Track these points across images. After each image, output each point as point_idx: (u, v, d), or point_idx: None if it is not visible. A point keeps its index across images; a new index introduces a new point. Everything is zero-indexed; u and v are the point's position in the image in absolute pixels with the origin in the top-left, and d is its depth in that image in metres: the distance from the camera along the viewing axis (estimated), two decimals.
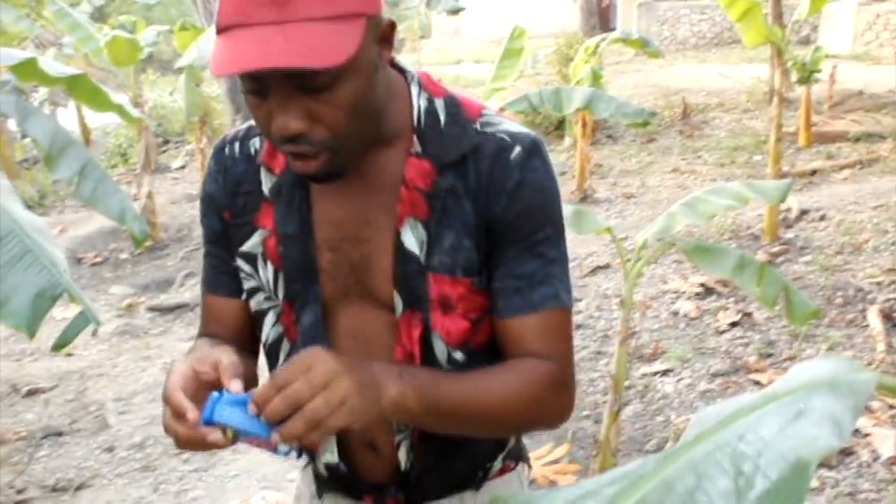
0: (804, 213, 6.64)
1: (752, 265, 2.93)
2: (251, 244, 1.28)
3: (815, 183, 7.72)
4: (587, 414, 4.00)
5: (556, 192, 1.22)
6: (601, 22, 19.55)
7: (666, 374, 4.33)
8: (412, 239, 1.20)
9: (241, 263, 1.30)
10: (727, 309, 5.00)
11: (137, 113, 5.00)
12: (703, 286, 5.29)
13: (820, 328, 4.62)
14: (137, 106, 7.82)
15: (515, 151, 1.18)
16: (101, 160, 11.29)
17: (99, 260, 7.77)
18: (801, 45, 13.07)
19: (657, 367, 4.40)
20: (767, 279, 2.92)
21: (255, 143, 1.29)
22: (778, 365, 4.31)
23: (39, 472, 3.90)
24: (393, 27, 1.11)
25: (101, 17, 14.24)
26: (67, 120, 10.95)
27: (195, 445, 1.06)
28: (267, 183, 1.27)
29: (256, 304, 1.31)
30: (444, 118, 1.21)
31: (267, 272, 1.27)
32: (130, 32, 8.46)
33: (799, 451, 0.55)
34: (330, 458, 1.34)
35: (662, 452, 0.60)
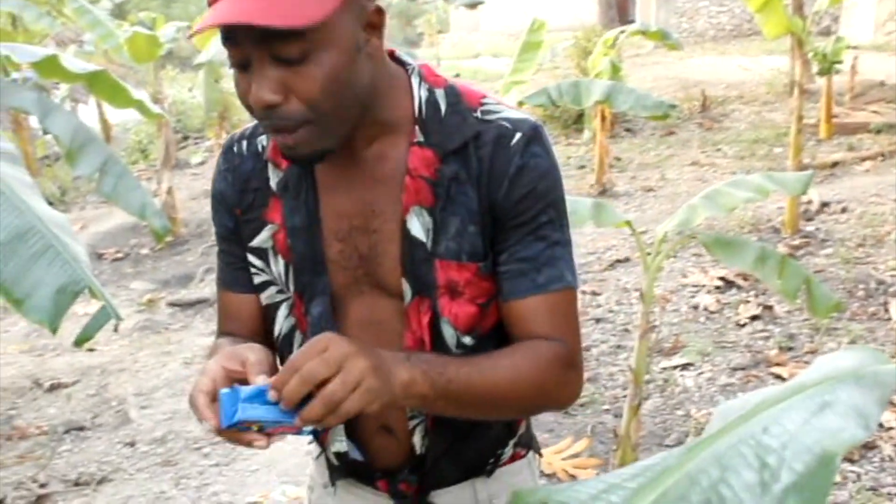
0: (825, 205, 6.59)
1: (773, 258, 2.91)
2: (261, 239, 1.30)
3: (836, 175, 7.65)
4: (607, 408, 3.99)
5: (557, 176, 1.23)
6: (620, 14, 19.49)
7: (686, 368, 4.31)
8: (418, 226, 1.22)
9: (251, 259, 1.32)
10: (747, 302, 4.97)
11: (157, 109, 5.02)
12: (723, 279, 5.26)
13: (841, 321, 4.58)
14: (157, 102, 7.86)
15: (516, 137, 1.20)
16: (121, 156, 11.36)
17: (120, 255, 7.82)
18: (821, 35, 12.96)
19: (677, 361, 4.38)
20: (788, 272, 2.90)
21: (261, 140, 1.31)
22: (799, 359, 4.28)
23: (62, 466, 3.93)
24: (381, 13, 1.13)
25: (120, 13, 14.31)
26: (88, 116, 11.01)
27: (234, 442, 1.07)
28: (274, 178, 1.29)
29: (268, 297, 1.33)
30: (444, 107, 1.23)
31: (278, 266, 1.30)
32: (150, 29, 8.48)
33: (824, 443, 0.54)
34: (339, 446, 1.35)
35: (685, 445, 0.59)
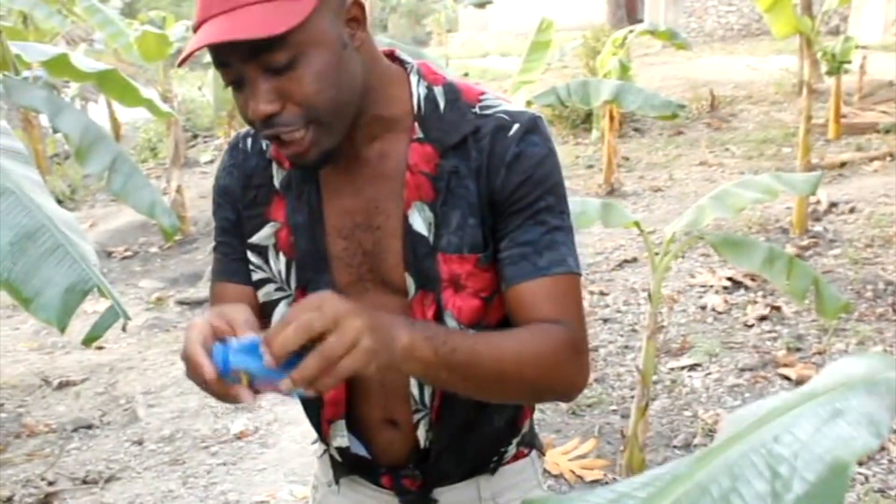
0: (833, 205, 6.57)
1: (781, 259, 2.91)
2: (261, 236, 1.32)
3: (844, 175, 7.63)
4: (614, 409, 3.99)
5: (555, 163, 1.24)
6: (628, 14, 19.43)
7: (694, 368, 4.30)
8: (420, 221, 1.23)
9: (250, 255, 1.33)
10: (755, 303, 4.96)
11: (166, 108, 5.03)
12: (731, 280, 5.25)
13: (850, 322, 4.57)
14: (167, 101, 7.88)
15: (514, 128, 1.22)
16: (131, 155, 11.38)
17: (129, 254, 7.84)
18: (830, 35, 12.92)
19: (685, 361, 4.37)
20: (797, 273, 2.89)
21: None
22: (807, 359, 4.27)
23: (70, 464, 3.94)
24: (361, 6, 1.15)
25: (130, 12, 14.36)
26: (98, 115, 11.04)
27: (221, 397, 1.05)
28: (278, 177, 1.31)
29: (265, 295, 1.33)
30: (443, 104, 1.25)
31: (279, 263, 1.31)
32: (160, 28, 8.50)
33: (836, 451, 0.54)
34: (341, 441, 1.36)
35: (696, 454, 0.59)
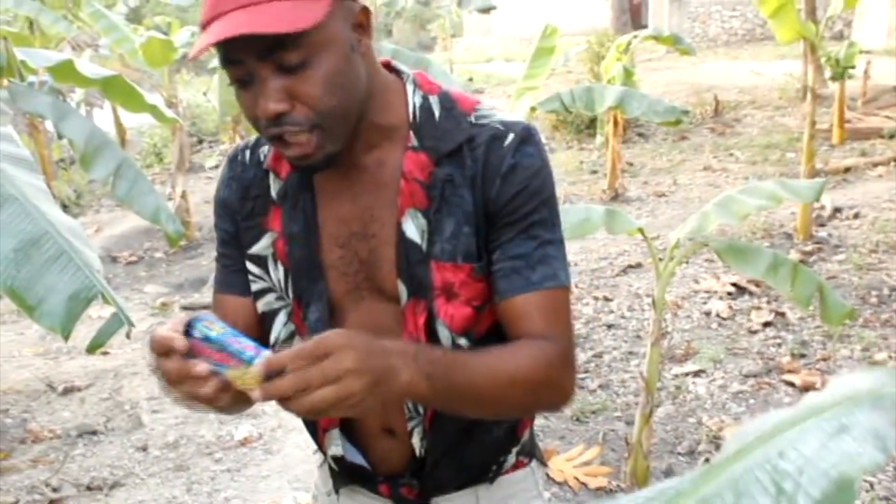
0: (838, 210, 6.56)
1: (785, 265, 2.90)
2: (260, 247, 1.33)
3: (848, 180, 7.62)
4: (618, 415, 3.98)
5: (549, 176, 1.25)
6: (632, 19, 19.45)
7: (698, 374, 4.30)
8: (413, 228, 1.24)
9: (249, 266, 1.34)
10: (760, 309, 4.95)
11: (171, 113, 5.04)
12: (735, 286, 5.24)
13: (854, 328, 4.56)
14: (171, 106, 7.90)
15: (509, 138, 1.23)
16: (136, 159, 11.39)
17: (134, 259, 7.85)
18: (834, 40, 12.93)
19: (689, 367, 4.36)
20: (801, 279, 2.89)
21: (264, 150, 1.34)
22: (811, 366, 4.27)
23: (74, 470, 3.94)
24: (367, 13, 1.17)
25: (136, 18, 14.39)
26: (103, 120, 11.06)
27: (183, 381, 1.05)
28: (275, 187, 1.32)
29: (265, 304, 1.34)
30: (438, 113, 1.26)
31: (278, 273, 1.32)
32: (165, 33, 8.54)
33: (842, 467, 0.54)
34: (335, 450, 1.37)
35: (700, 469, 0.59)
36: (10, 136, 2.54)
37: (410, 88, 1.27)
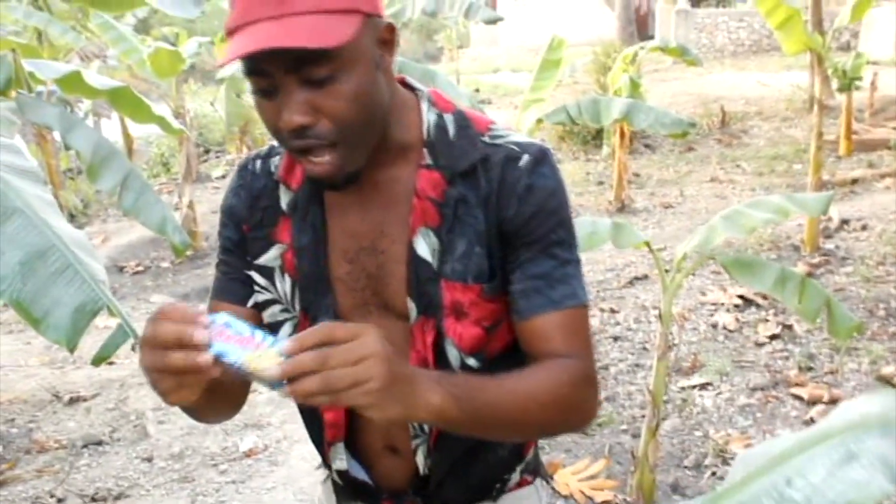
0: (845, 222, 6.55)
1: (793, 279, 2.89)
2: (268, 258, 1.32)
3: (856, 192, 7.61)
4: (625, 428, 3.96)
5: (565, 197, 1.25)
6: (639, 30, 19.48)
7: (704, 387, 4.28)
8: (425, 247, 1.23)
9: (256, 276, 1.33)
10: (767, 321, 4.94)
11: (178, 124, 5.04)
12: (742, 298, 5.23)
13: (862, 341, 4.55)
14: (179, 116, 7.92)
15: (524, 158, 1.23)
16: (143, 169, 11.46)
17: (140, 269, 7.85)
18: (841, 51, 12.92)
19: (695, 380, 4.35)
20: (809, 293, 2.88)
21: (275, 160, 1.34)
22: (819, 379, 4.25)
23: (80, 480, 3.94)
24: (392, 30, 1.16)
25: (144, 28, 14.44)
26: (111, 130, 11.11)
27: (178, 375, 1.01)
28: (285, 199, 1.31)
29: (270, 316, 1.33)
30: (453, 131, 1.25)
31: (285, 285, 1.31)
32: (173, 44, 8.55)
33: (850, 496, 0.53)
34: (340, 464, 1.36)
35: (708, 496, 0.58)
36: (17, 147, 2.54)
37: (425, 106, 1.26)
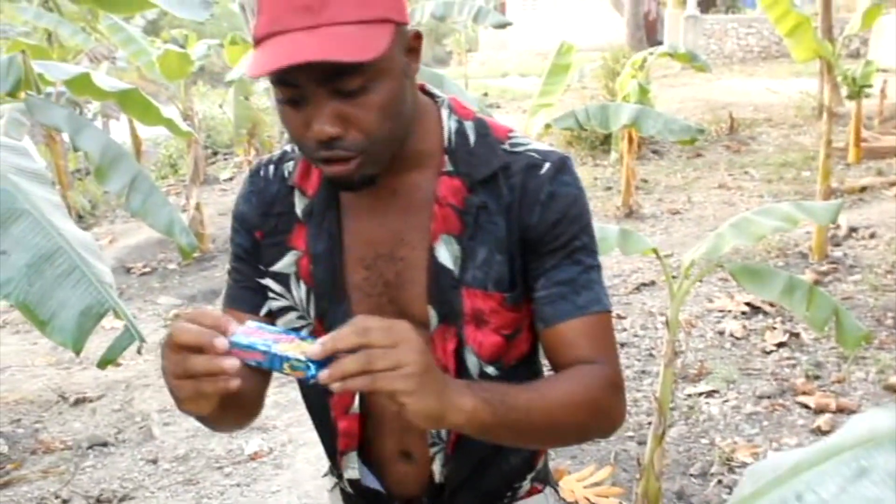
0: (853, 230, 6.53)
1: (801, 288, 2.87)
2: (283, 264, 1.31)
3: (864, 200, 7.59)
4: (631, 435, 3.95)
5: (586, 203, 1.26)
6: (648, 35, 19.45)
7: (711, 395, 4.26)
8: (446, 254, 1.22)
9: (271, 283, 1.32)
10: (774, 329, 4.92)
11: (186, 127, 5.06)
12: (749, 305, 5.21)
13: (870, 350, 4.53)
14: (187, 118, 7.94)
15: (546, 166, 1.23)
16: (151, 171, 11.49)
17: (147, 270, 7.86)
18: (850, 58, 12.88)
19: (702, 387, 4.33)
20: (817, 302, 2.86)
21: (288, 166, 1.33)
22: (826, 388, 4.23)
23: (85, 482, 3.94)
24: (419, 37, 1.16)
25: (154, 30, 14.48)
26: (120, 131, 11.13)
27: (197, 381, 1.02)
28: (300, 205, 1.30)
29: (286, 323, 1.32)
30: (473, 138, 1.25)
31: (300, 292, 1.30)
32: (182, 46, 8.58)
33: None
34: (352, 473, 1.35)
35: None
36: (25, 149, 2.55)
37: (445, 113, 1.26)
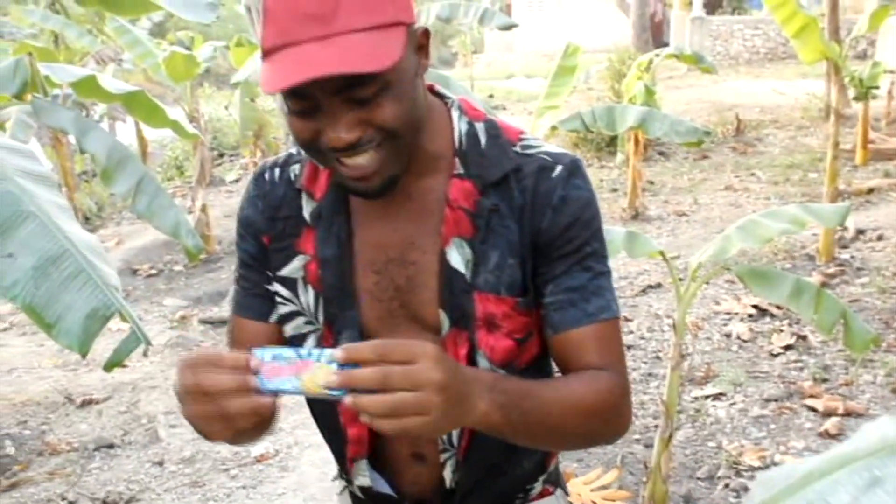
0: (861, 232, 6.50)
1: (808, 291, 2.86)
2: (291, 269, 1.29)
3: (872, 202, 7.56)
4: (637, 438, 3.94)
5: (597, 208, 1.25)
6: (654, 37, 19.44)
7: (718, 398, 4.25)
8: (458, 257, 1.21)
9: (279, 288, 1.30)
10: (781, 331, 4.90)
11: (192, 129, 5.06)
12: (756, 307, 5.19)
13: (878, 354, 4.51)
14: (193, 120, 7.94)
15: (557, 170, 1.22)
16: (157, 172, 11.51)
17: (154, 272, 7.87)
18: (857, 60, 12.86)
19: (709, 390, 4.32)
20: (824, 305, 2.85)
21: (295, 169, 1.31)
22: (834, 391, 4.21)
23: (91, 483, 3.94)
24: (427, 35, 1.14)
25: (160, 32, 14.51)
26: (126, 133, 11.15)
27: (240, 418, 0.99)
28: (307, 208, 1.28)
29: (294, 328, 1.31)
30: (484, 140, 1.24)
31: (308, 296, 1.28)
32: (188, 48, 8.60)
33: None
34: (363, 480, 1.35)
35: None
36: (31, 152, 2.55)
37: (456, 114, 1.25)
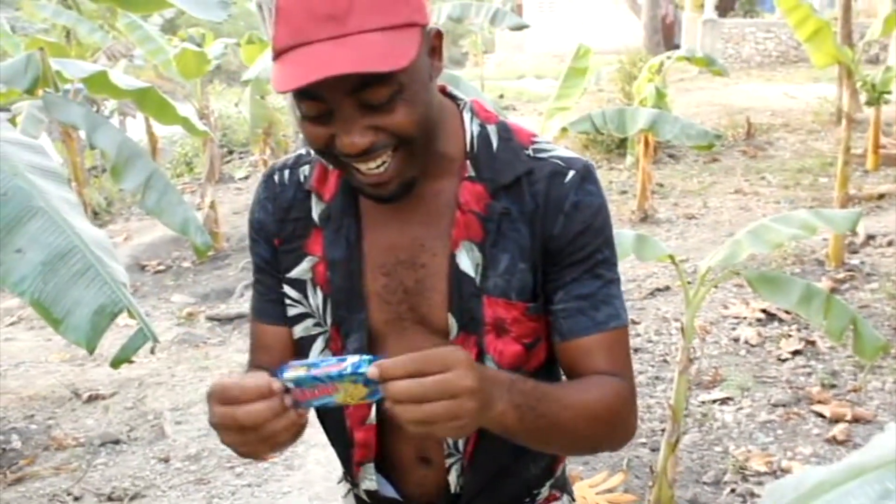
0: (871, 238, 6.48)
1: (818, 297, 2.85)
2: (300, 270, 1.28)
3: (882, 207, 7.53)
4: (643, 441, 3.92)
5: (609, 214, 1.24)
6: (665, 39, 19.40)
7: (725, 402, 4.24)
8: (467, 261, 1.20)
9: (288, 290, 1.30)
10: (790, 336, 4.89)
11: (202, 126, 5.07)
12: (765, 312, 5.18)
13: (887, 360, 4.48)
14: (203, 117, 7.96)
15: (570, 175, 1.20)
16: (167, 169, 11.53)
17: (161, 268, 7.89)
18: (870, 64, 12.81)
19: (716, 394, 4.30)
20: (834, 311, 2.84)
21: (304, 170, 1.30)
22: (842, 397, 4.20)
23: (96, 479, 3.95)
24: (441, 36, 1.13)
25: (171, 28, 14.54)
26: (136, 129, 11.17)
27: (269, 421, 0.99)
28: (317, 209, 1.27)
29: (303, 330, 1.30)
30: (496, 143, 1.22)
31: (316, 298, 1.28)
32: (199, 45, 8.62)
33: None
34: (369, 484, 1.34)
35: None
36: (41, 147, 2.55)
37: (468, 116, 1.24)
